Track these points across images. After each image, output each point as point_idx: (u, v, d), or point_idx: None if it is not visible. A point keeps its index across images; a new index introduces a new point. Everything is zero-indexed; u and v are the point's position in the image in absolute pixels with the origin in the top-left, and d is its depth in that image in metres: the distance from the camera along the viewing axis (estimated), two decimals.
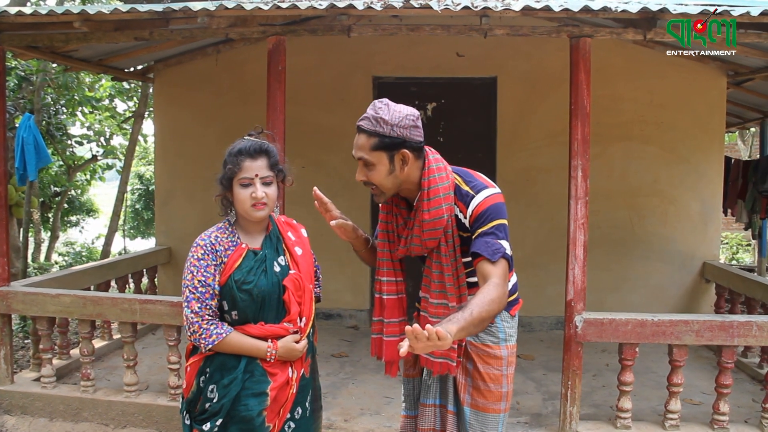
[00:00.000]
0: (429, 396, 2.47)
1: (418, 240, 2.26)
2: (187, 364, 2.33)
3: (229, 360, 2.24)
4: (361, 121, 2.18)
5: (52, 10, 3.74)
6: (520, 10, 3.50)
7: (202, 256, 2.24)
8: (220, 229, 2.33)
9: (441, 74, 6.23)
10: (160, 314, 4.12)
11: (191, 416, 2.29)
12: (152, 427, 4.18)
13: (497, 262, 2.14)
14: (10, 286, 4.45)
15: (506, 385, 2.38)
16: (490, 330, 2.37)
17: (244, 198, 2.24)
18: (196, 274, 2.21)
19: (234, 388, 2.21)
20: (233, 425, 2.22)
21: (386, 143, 2.14)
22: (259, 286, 2.24)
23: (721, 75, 6.05)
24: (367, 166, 2.20)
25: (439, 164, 2.26)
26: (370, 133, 2.15)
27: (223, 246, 2.27)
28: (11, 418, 4.30)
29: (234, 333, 2.23)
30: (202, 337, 2.20)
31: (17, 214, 7.64)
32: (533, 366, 5.24)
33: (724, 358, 3.75)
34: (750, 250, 13.33)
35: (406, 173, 2.21)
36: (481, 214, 2.18)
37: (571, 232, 3.80)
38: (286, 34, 4.00)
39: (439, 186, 2.20)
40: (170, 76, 6.61)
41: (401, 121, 2.13)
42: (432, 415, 2.46)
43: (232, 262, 2.25)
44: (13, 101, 7.90)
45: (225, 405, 2.20)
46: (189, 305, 2.21)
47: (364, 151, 2.17)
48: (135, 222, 14.91)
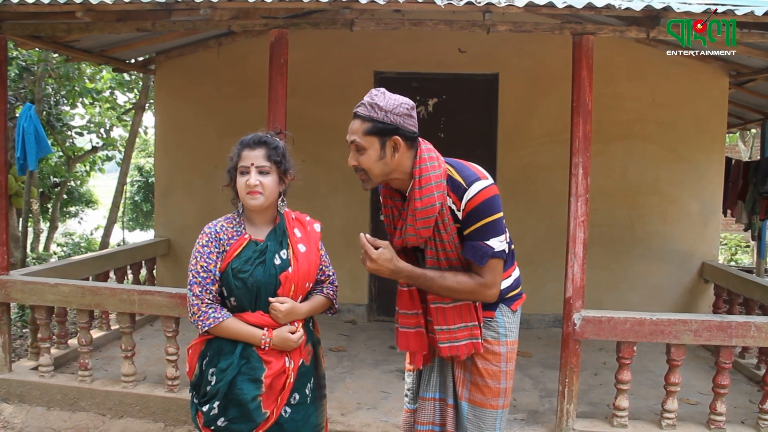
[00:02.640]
0: (429, 389, 2.47)
1: (412, 230, 2.26)
2: (189, 346, 2.44)
3: (225, 345, 2.33)
4: (358, 107, 2.21)
5: (54, 0, 3.73)
6: (523, 6, 3.49)
7: (206, 243, 2.35)
8: (228, 219, 2.43)
9: (443, 70, 6.22)
10: (159, 305, 4.12)
11: (198, 398, 2.38)
12: (149, 418, 4.18)
13: (485, 265, 2.21)
14: (9, 275, 4.45)
15: (504, 381, 2.37)
16: (490, 325, 2.38)
17: (241, 186, 2.34)
18: (200, 260, 2.33)
19: (230, 372, 2.28)
20: (232, 407, 2.29)
21: (379, 128, 2.17)
22: (254, 276, 2.32)
23: (723, 75, 6.04)
24: (358, 151, 2.22)
25: (431, 154, 2.26)
26: (364, 118, 2.18)
27: (227, 235, 2.37)
28: (9, 407, 4.30)
29: (231, 319, 2.32)
30: (201, 319, 2.31)
31: (17, 204, 7.64)
32: (531, 363, 5.25)
33: (722, 358, 3.75)
34: (749, 251, 13.33)
35: (396, 161, 2.21)
36: (472, 211, 2.19)
37: (570, 229, 3.79)
38: (288, 27, 3.99)
39: (431, 174, 2.20)
40: (171, 68, 6.60)
41: (395, 108, 2.17)
42: (432, 409, 2.46)
43: (233, 250, 2.34)
44: (14, 91, 7.89)
45: (221, 388, 2.28)
46: (191, 288, 2.33)
47: (357, 135, 2.20)
48: (134, 214, 14.90)
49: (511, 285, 2.43)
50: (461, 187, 2.21)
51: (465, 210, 2.20)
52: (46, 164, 9.65)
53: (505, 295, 2.40)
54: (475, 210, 2.18)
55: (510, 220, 2.31)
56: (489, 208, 2.19)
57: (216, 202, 5.99)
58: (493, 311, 2.38)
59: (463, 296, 2.25)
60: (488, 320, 2.38)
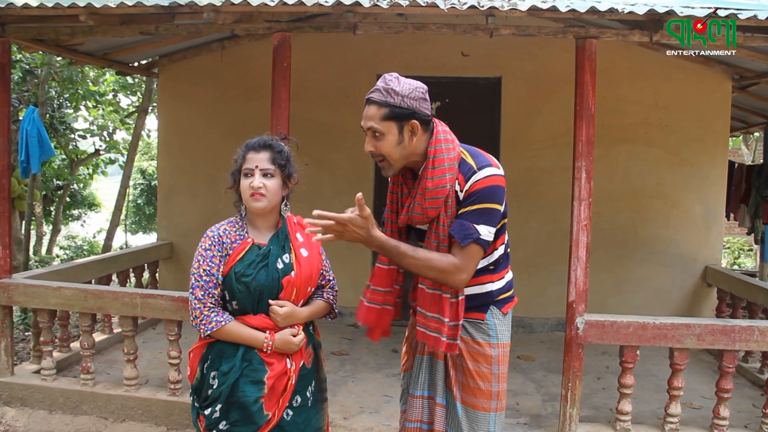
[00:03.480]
0: (417, 387, 2.47)
1: (420, 208, 2.25)
2: (190, 350, 2.43)
3: (227, 348, 2.33)
4: (372, 93, 2.20)
5: (58, 3, 3.73)
6: (526, 10, 3.49)
7: (209, 247, 2.35)
8: (231, 222, 2.43)
9: (446, 73, 6.22)
10: (161, 309, 4.11)
11: (199, 401, 2.37)
12: (151, 422, 4.18)
13: (466, 247, 2.17)
14: (11, 278, 4.45)
15: (497, 384, 2.35)
16: (481, 327, 2.36)
17: (245, 188, 2.34)
18: (202, 263, 2.33)
19: (232, 375, 2.28)
20: (234, 410, 2.29)
21: (397, 113, 2.16)
22: (257, 280, 2.32)
23: (726, 78, 6.03)
24: (376, 137, 2.20)
25: (447, 136, 2.27)
26: (380, 104, 2.17)
27: (230, 238, 2.37)
28: (11, 410, 4.30)
29: (233, 322, 2.32)
30: (203, 322, 2.31)
31: (20, 206, 7.65)
32: (533, 367, 5.24)
33: (726, 362, 3.74)
34: (752, 254, 13.31)
35: (414, 145, 2.22)
36: (474, 192, 2.17)
37: (573, 233, 3.79)
38: (291, 30, 4.00)
39: (445, 156, 2.21)
40: (175, 72, 6.62)
41: (411, 92, 2.17)
42: (420, 407, 2.45)
43: (236, 254, 2.34)
44: (17, 94, 7.92)
45: (224, 391, 2.28)
46: (193, 292, 2.32)
47: (374, 120, 2.18)
48: (137, 217, 14.94)
49: (503, 287, 2.41)
50: (471, 169, 2.20)
51: (468, 191, 2.18)
52: (49, 167, 9.67)
53: (496, 296, 2.38)
54: (477, 192, 2.17)
55: (513, 223, 2.30)
56: (491, 195, 2.18)
57: (218, 205, 6.00)
58: (484, 313, 2.37)
59: (432, 273, 2.19)
60: (479, 322, 2.36)
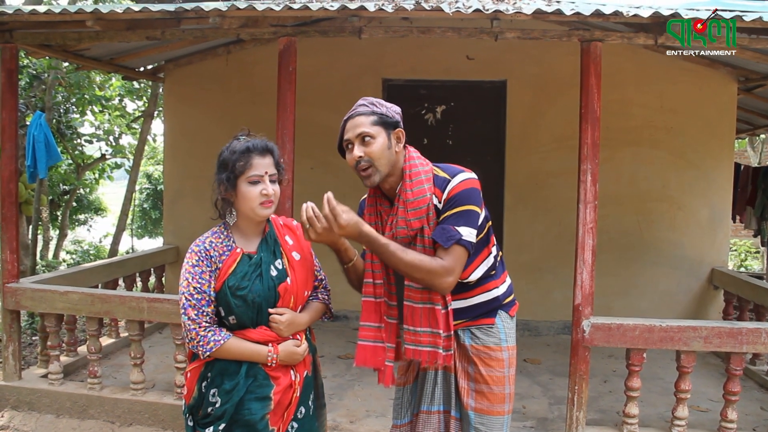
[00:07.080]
0: (433, 403, 2.46)
1: (404, 221, 2.27)
2: (188, 369, 2.30)
3: (230, 365, 2.20)
4: (356, 109, 2.33)
5: (65, 9, 3.77)
6: (531, 14, 3.50)
7: (196, 263, 2.19)
8: (215, 233, 2.28)
9: (451, 77, 6.23)
10: (168, 313, 4.13)
11: (194, 419, 2.26)
12: (158, 426, 4.19)
13: (450, 249, 2.19)
14: (19, 282, 4.48)
15: (508, 386, 2.39)
16: (491, 331, 2.39)
17: (253, 196, 2.20)
18: (192, 281, 2.17)
19: (237, 393, 2.17)
20: (237, 429, 2.18)
21: (385, 120, 2.28)
22: (254, 292, 2.20)
23: (731, 80, 6.03)
24: (365, 142, 2.26)
25: (419, 156, 2.37)
26: (368, 113, 2.30)
27: (218, 251, 2.22)
28: (18, 414, 4.32)
29: (233, 339, 2.19)
30: (200, 344, 2.16)
31: (27, 211, 7.67)
32: (540, 370, 5.23)
33: (733, 365, 3.73)
34: (759, 257, 13.26)
35: (397, 156, 2.30)
36: (451, 198, 2.22)
37: (579, 236, 3.79)
38: (297, 35, 4.01)
39: (420, 170, 2.29)
40: (180, 76, 6.65)
41: (392, 107, 2.35)
42: (437, 422, 2.45)
43: (227, 267, 2.21)
44: (24, 99, 7.95)
45: (228, 410, 2.16)
46: (186, 312, 2.17)
47: (365, 126, 2.27)
48: (143, 221, 14.97)
49: (507, 291, 2.47)
50: (446, 180, 2.27)
51: (446, 198, 2.23)
52: (56, 172, 9.70)
53: (502, 300, 2.43)
54: (454, 197, 2.22)
55: (518, 226, 2.32)
56: (467, 197, 2.22)
57: None
58: (493, 318, 2.40)
59: (420, 274, 2.19)
60: (488, 327, 2.39)
